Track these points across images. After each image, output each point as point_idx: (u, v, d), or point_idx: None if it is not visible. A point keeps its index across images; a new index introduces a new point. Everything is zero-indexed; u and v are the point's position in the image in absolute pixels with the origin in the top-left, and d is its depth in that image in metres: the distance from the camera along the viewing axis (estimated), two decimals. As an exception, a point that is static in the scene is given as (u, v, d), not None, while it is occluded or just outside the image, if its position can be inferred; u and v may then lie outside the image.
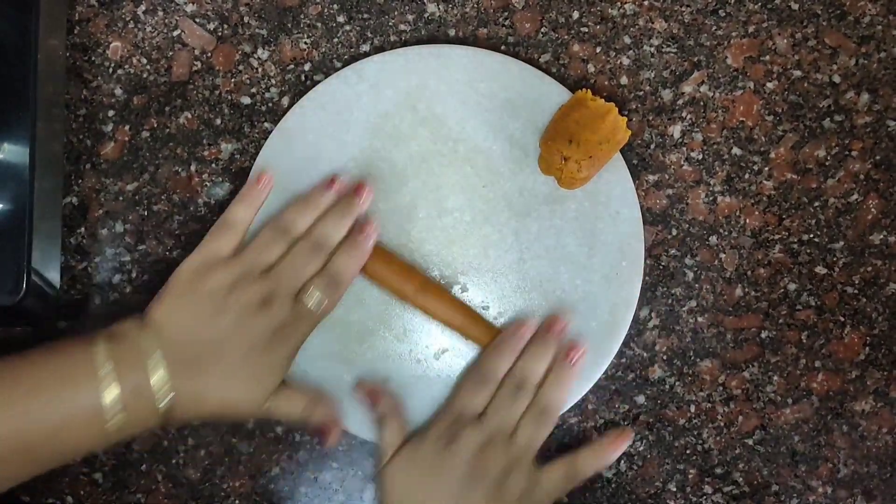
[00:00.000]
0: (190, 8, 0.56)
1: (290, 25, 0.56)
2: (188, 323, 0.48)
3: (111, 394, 0.45)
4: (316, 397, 0.52)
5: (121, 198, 0.56)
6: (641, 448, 0.58)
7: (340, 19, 0.57)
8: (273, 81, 0.57)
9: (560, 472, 0.53)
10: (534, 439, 0.52)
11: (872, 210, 0.57)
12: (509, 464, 0.51)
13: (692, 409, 0.58)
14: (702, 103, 0.57)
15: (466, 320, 0.55)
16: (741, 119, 0.57)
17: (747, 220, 0.57)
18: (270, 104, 0.57)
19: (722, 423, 0.58)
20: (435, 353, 0.56)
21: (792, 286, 0.57)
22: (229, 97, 0.56)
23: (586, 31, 0.57)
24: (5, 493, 0.53)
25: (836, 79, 0.57)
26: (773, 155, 0.57)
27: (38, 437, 0.44)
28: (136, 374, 0.46)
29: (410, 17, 0.57)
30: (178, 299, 0.49)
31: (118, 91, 0.56)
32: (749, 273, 0.57)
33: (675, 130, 0.57)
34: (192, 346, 0.47)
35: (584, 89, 0.54)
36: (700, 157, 0.57)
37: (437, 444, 0.51)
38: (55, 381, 0.45)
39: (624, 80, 0.57)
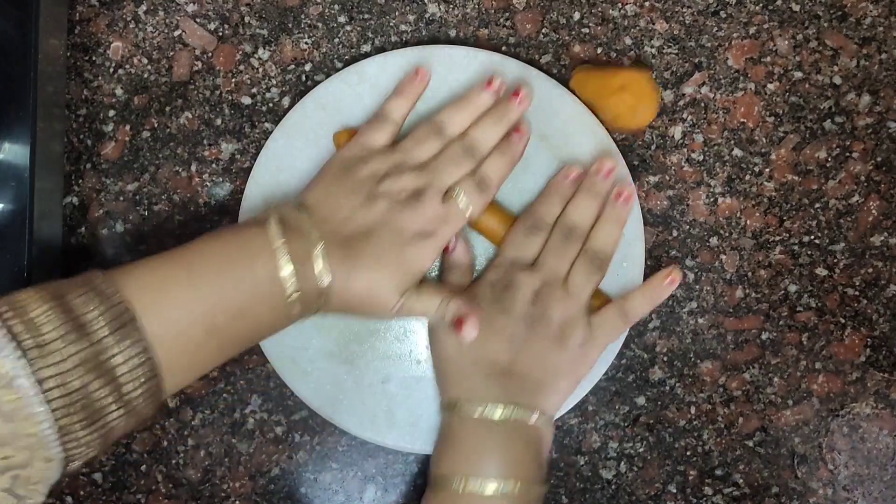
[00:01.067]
0: (191, 8, 0.56)
1: (290, 25, 0.56)
2: (341, 206, 0.48)
3: (287, 267, 0.44)
4: (449, 295, 0.50)
5: (121, 198, 0.56)
6: (641, 449, 0.58)
7: (341, 19, 0.57)
8: (274, 81, 0.57)
9: (614, 314, 0.53)
10: (586, 285, 0.52)
11: (873, 212, 0.57)
12: (565, 311, 0.51)
13: (692, 410, 0.58)
14: (703, 104, 0.57)
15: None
16: (742, 120, 0.57)
17: (748, 222, 0.57)
18: (271, 104, 0.57)
19: (722, 425, 0.58)
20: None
21: (792, 287, 0.57)
22: (230, 97, 0.56)
23: (587, 31, 0.57)
24: None
25: (838, 80, 0.57)
26: (773, 156, 0.57)
27: (225, 317, 0.44)
28: (302, 251, 0.45)
29: (411, 18, 0.57)
30: (332, 184, 0.49)
31: (119, 91, 0.56)
32: (750, 274, 0.57)
33: (676, 131, 0.57)
34: (346, 227, 0.47)
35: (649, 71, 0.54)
36: (701, 158, 0.57)
37: (493, 290, 0.52)
38: (234, 260, 0.44)
39: (625, 80, 0.57)
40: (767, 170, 0.57)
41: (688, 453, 0.58)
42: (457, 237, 0.54)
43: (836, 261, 0.57)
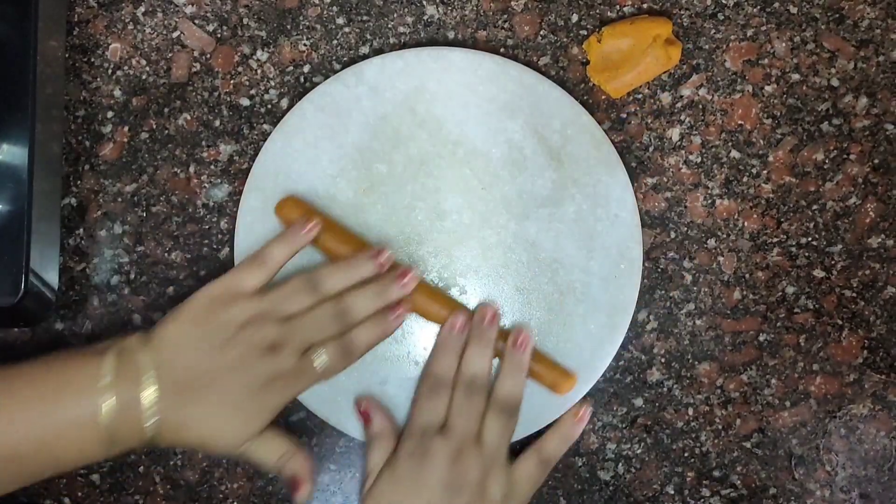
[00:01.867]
0: (189, 9, 0.56)
1: (289, 27, 0.56)
2: (192, 348, 0.48)
3: (107, 406, 0.45)
4: (292, 449, 0.50)
5: (119, 199, 0.56)
6: (639, 451, 0.58)
7: (340, 21, 0.57)
8: (272, 83, 0.57)
9: (532, 463, 0.53)
10: (501, 438, 0.52)
11: (871, 213, 0.57)
12: (485, 468, 0.51)
13: (690, 411, 0.58)
14: (700, 106, 0.57)
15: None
16: (740, 122, 0.57)
17: (746, 223, 0.57)
18: (269, 106, 0.57)
19: (720, 426, 0.58)
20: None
21: (790, 289, 0.57)
22: (228, 99, 0.56)
23: (585, 33, 0.57)
24: (4, 496, 0.52)
25: (835, 82, 0.57)
26: (771, 158, 0.57)
27: (28, 447, 0.44)
28: (130, 390, 0.45)
29: (410, 20, 0.57)
30: (188, 322, 0.48)
31: (117, 92, 0.56)
32: (747, 276, 0.57)
33: (674, 133, 0.57)
34: (189, 371, 0.47)
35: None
36: (699, 159, 0.57)
37: (410, 462, 0.51)
38: (53, 391, 0.45)
39: (623, 82, 0.57)
40: (765, 172, 0.57)
41: (686, 454, 0.58)
42: (372, 407, 0.54)
43: (833, 262, 0.57)
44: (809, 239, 0.57)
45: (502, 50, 0.57)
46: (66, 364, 0.46)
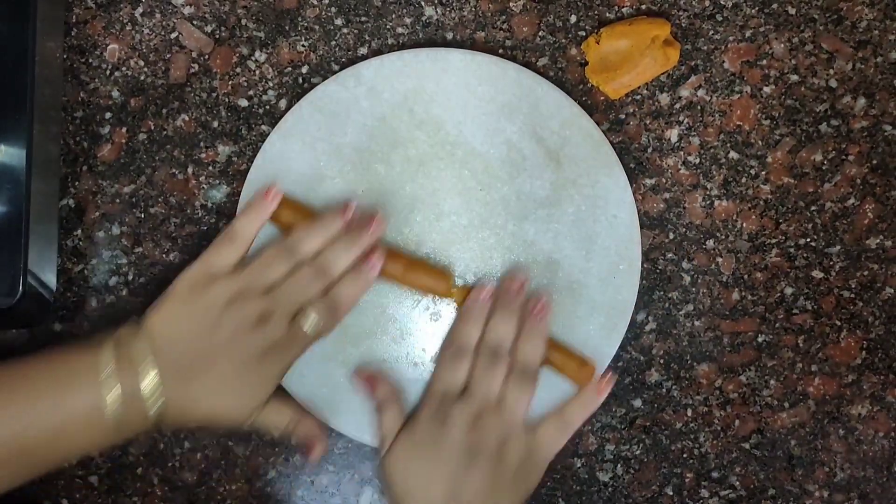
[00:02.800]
0: (187, 10, 0.56)
1: (287, 28, 0.56)
2: (183, 333, 0.48)
3: (112, 396, 0.45)
4: (298, 415, 0.52)
5: (117, 200, 0.56)
6: (638, 452, 0.58)
7: (338, 22, 0.57)
8: (270, 84, 0.56)
9: (552, 429, 0.53)
10: (520, 402, 0.52)
11: (869, 214, 0.57)
12: (503, 432, 0.51)
13: (689, 412, 0.58)
14: (699, 107, 0.57)
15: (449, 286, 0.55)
16: (738, 123, 0.57)
17: (744, 224, 0.57)
18: (268, 107, 0.57)
19: (719, 427, 0.58)
20: (432, 357, 0.56)
21: (788, 290, 0.57)
22: (227, 99, 0.56)
23: (584, 34, 0.57)
24: (4, 497, 0.52)
25: (833, 83, 0.57)
26: (770, 159, 0.57)
27: (37, 439, 0.45)
28: (131, 379, 0.46)
29: (408, 21, 0.57)
30: (175, 309, 0.49)
31: (115, 93, 0.56)
32: (746, 277, 0.57)
33: (673, 134, 0.57)
34: (185, 355, 0.47)
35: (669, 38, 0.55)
36: (697, 160, 0.57)
37: (430, 426, 0.51)
38: (57, 384, 0.45)
39: (621, 83, 0.57)
40: (763, 172, 0.57)
41: (684, 456, 0.58)
42: (373, 374, 0.54)
43: (832, 263, 0.57)
44: (808, 240, 0.57)
45: (501, 51, 0.57)
46: (65, 359, 0.47)
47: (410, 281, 0.54)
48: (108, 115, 0.56)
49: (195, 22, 0.56)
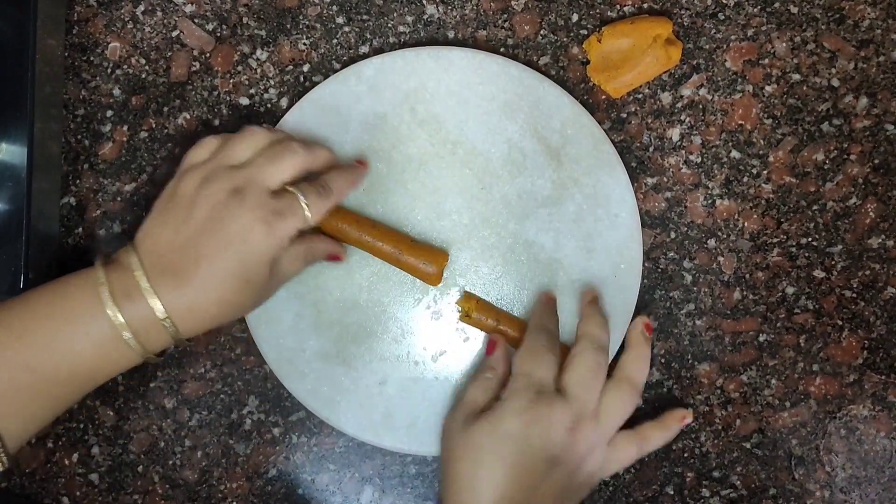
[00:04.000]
0: (189, 8, 0.56)
1: (289, 26, 0.56)
2: (163, 231, 0.46)
3: (112, 308, 0.44)
4: (307, 239, 0.49)
5: (119, 198, 0.56)
6: (639, 451, 0.58)
7: (339, 20, 0.57)
8: (272, 82, 0.56)
9: (631, 448, 0.52)
10: (620, 416, 0.51)
11: (871, 214, 0.57)
12: (594, 443, 0.50)
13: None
14: (701, 106, 0.57)
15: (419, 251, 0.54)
16: (740, 122, 0.57)
17: (746, 224, 0.57)
18: (269, 105, 0.57)
19: (720, 427, 0.58)
20: (433, 356, 0.56)
21: (790, 290, 0.57)
22: (228, 98, 0.56)
23: (585, 33, 0.57)
24: (4, 495, 0.53)
25: (835, 82, 0.57)
26: (771, 158, 0.57)
27: (57, 368, 0.44)
28: (128, 289, 0.44)
29: (409, 19, 0.57)
30: (156, 213, 0.47)
31: (116, 91, 0.56)
32: (747, 276, 0.57)
33: (674, 133, 0.57)
34: (170, 253, 0.45)
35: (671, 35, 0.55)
36: (699, 160, 0.57)
37: (520, 420, 0.48)
38: (61, 311, 0.44)
39: (623, 82, 0.57)
40: (765, 172, 0.57)
41: (685, 455, 0.58)
42: (500, 341, 0.53)
43: (833, 263, 0.57)
44: (809, 239, 0.57)
45: (502, 49, 0.57)
46: (63, 285, 0.45)
47: (406, 260, 0.53)
48: (109, 113, 0.56)
49: (196, 20, 0.56)
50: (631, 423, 0.52)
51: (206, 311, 0.45)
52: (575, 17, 0.57)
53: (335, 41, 0.57)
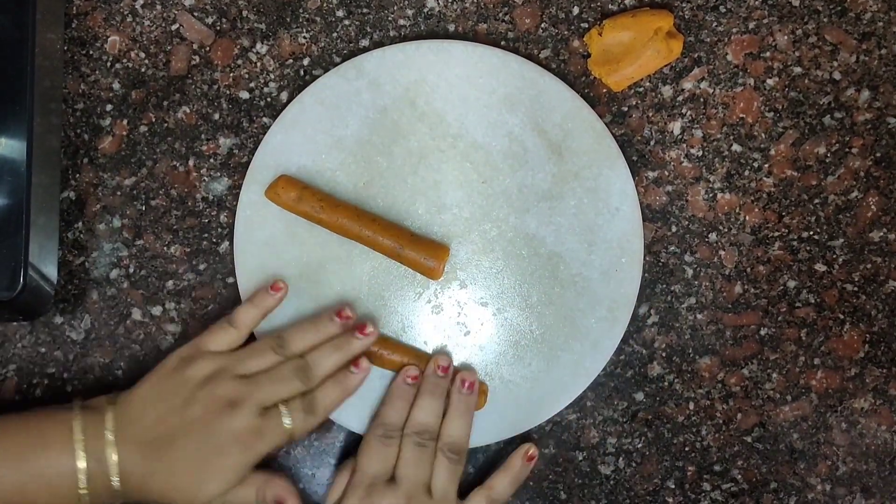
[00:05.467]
0: (188, 2, 0.56)
1: (288, 20, 0.56)
2: (154, 407, 0.49)
3: (81, 464, 0.47)
4: (265, 478, 0.50)
5: (118, 192, 0.56)
6: (640, 445, 0.57)
7: (339, 14, 0.56)
8: (272, 76, 0.56)
9: (482, 500, 0.53)
10: (451, 482, 0.52)
11: (872, 207, 0.57)
12: None
13: (691, 406, 0.57)
14: (702, 100, 0.57)
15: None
16: (741, 116, 0.57)
17: (747, 217, 0.57)
18: (269, 99, 0.56)
19: (721, 421, 0.58)
20: (433, 350, 0.55)
21: (791, 283, 0.57)
22: (228, 92, 0.56)
23: (586, 26, 0.57)
24: None
25: (837, 75, 0.57)
26: (773, 152, 0.57)
27: (10, 497, 0.46)
28: (99, 452, 0.47)
29: (410, 12, 0.57)
30: (154, 382, 0.50)
31: (116, 85, 0.56)
32: (748, 270, 0.57)
33: (675, 127, 0.57)
34: (150, 430, 0.48)
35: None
36: (700, 153, 0.57)
37: None
38: (31, 449, 0.47)
39: (624, 76, 0.57)
40: (766, 165, 0.57)
41: (686, 449, 0.58)
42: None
43: (835, 257, 0.57)
44: (811, 233, 0.57)
45: (503, 43, 0.57)
46: (39, 424, 0.48)
47: (406, 254, 0.53)
48: (108, 107, 0.56)
49: (196, 13, 0.56)
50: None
51: (154, 490, 0.48)
52: (576, 10, 0.57)
53: (335, 34, 0.56)
